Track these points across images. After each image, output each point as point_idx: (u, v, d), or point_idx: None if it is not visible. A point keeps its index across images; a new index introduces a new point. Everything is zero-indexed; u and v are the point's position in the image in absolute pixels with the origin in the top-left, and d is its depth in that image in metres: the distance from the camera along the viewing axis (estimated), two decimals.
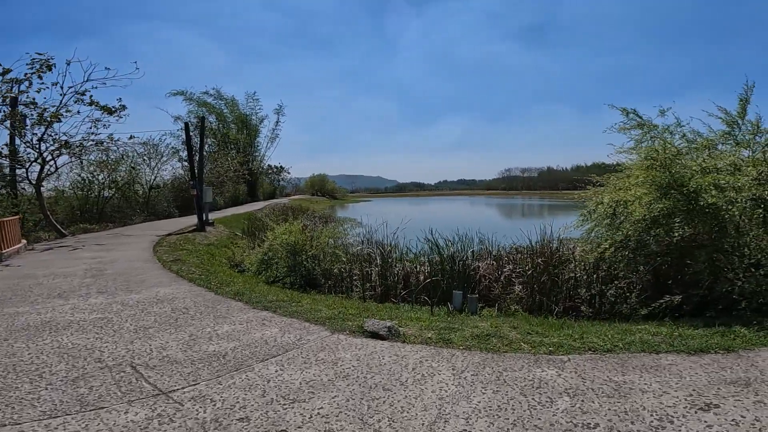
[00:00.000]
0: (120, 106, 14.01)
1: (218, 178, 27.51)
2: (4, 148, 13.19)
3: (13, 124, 12.65)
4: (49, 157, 13.39)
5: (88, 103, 13.11)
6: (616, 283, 6.36)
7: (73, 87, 13.09)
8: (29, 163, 13.48)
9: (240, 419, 2.59)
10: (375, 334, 3.94)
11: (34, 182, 13.47)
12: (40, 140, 13.08)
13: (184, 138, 15.71)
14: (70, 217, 17.29)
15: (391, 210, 31.07)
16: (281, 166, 52.23)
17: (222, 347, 3.84)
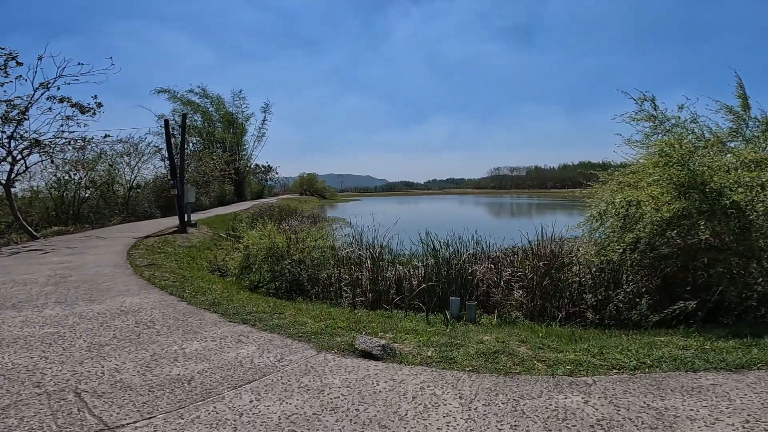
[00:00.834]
0: (96, 103, 13.31)
1: (203, 178, 26.70)
2: None
3: None
4: (19, 156, 12.61)
5: (59, 100, 12.36)
6: (624, 287, 5.93)
7: (46, 83, 12.35)
8: None
9: None
10: (367, 354, 3.42)
11: (3, 182, 12.67)
12: (11, 138, 12.31)
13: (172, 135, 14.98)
14: (45, 219, 16.45)
15: (381, 209, 30.56)
16: (269, 166, 51.39)
17: (188, 370, 3.29)
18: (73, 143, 13.72)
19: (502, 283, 6.53)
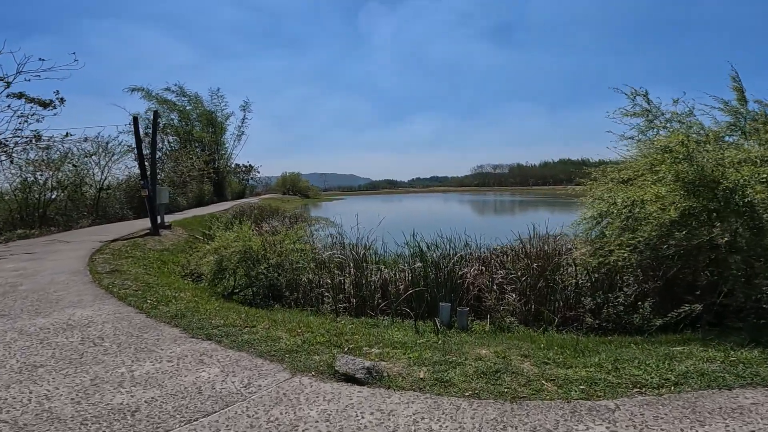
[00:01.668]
0: (58, 99, 12.51)
1: (180, 177, 25.76)
2: None
3: None
4: None
5: (17, 96, 11.53)
6: (624, 290, 5.55)
7: (5, 80, 11.50)
8: None
9: None
10: (350, 378, 2.92)
11: None
12: None
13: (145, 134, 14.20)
14: (10, 222, 15.45)
15: (365, 208, 30.01)
16: (251, 165, 50.21)
17: (134, 398, 2.75)
18: (36, 142, 12.87)
19: (495, 287, 6.09)
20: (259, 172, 52.32)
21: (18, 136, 12.19)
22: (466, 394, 2.77)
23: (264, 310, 5.78)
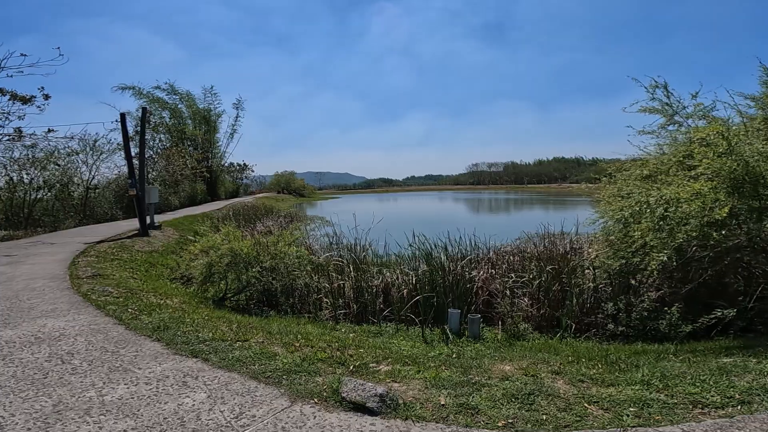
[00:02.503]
0: (43, 95, 12.00)
1: (172, 176, 25.14)
2: None
3: None
4: None
5: None
6: (648, 294, 5.15)
7: None
8: None
9: None
10: (360, 407, 2.48)
11: None
12: None
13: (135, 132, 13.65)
14: None
15: (361, 207, 29.52)
16: (245, 164, 49.46)
17: (102, 431, 2.30)
18: (17, 139, 12.32)
19: (508, 292, 5.66)
20: (253, 171, 51.65)
21: None
22: (499, 424, 2.34)
23: (258, 319, 5.33)
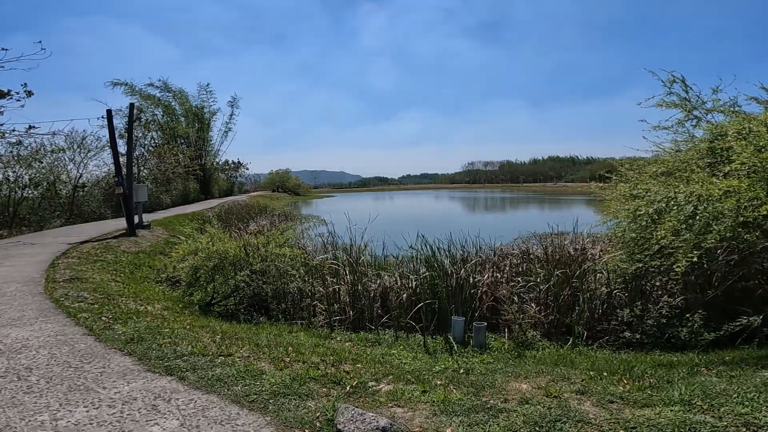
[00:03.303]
0: (26, 92, 11.62)
1: (164, 175, 24.63)
2: None
3: None
4: None
5: None
6: (668, 300, 4.80)
7: None
8: None
9: None
10: None
11: None
12: None
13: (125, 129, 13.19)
14: None
15: (357, 207, 29.12)
16: (239, 162, 48.92)
17: None
18: (1, 136, 11.86)
19: (515, 298, 5.29)
20: (248, 169, 51.06)
21: None
22: None
23: (246, 327, 4.93)
